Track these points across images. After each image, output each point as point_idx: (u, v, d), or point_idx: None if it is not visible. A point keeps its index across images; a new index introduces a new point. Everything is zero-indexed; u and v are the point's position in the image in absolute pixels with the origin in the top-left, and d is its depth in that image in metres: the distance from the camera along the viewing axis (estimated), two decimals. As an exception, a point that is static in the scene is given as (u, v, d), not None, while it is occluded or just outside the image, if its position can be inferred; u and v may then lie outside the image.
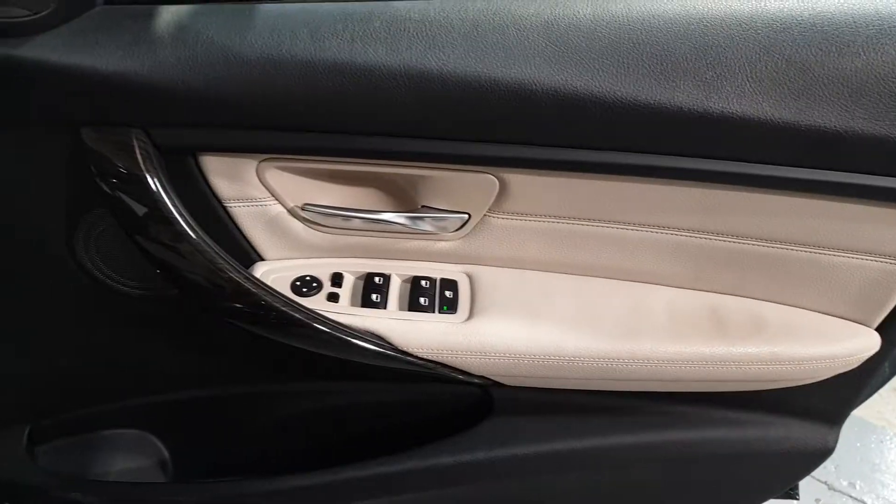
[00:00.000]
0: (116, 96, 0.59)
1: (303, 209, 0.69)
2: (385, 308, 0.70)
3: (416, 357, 0.68)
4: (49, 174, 0.65)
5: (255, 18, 0.62)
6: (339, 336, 0.67)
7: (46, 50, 0.58)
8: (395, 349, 0.68)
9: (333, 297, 0.70)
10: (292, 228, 0.71)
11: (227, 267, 0.64)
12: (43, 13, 0.58)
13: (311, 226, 0.71)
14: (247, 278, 0.65)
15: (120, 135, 0.61)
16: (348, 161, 0.65)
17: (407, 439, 0.80)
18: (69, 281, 0.72)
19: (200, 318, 0.76)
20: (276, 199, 0.69)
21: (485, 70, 0.58)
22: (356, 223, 0.70)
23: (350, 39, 0.59)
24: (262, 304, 0.65)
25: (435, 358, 0.68)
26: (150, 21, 0.62)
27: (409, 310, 0.70)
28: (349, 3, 0.64)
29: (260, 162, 0.65)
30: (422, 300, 0.70)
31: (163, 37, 0.61)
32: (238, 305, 0.66)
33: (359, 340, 0.67)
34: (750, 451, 0.80)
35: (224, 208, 0.68)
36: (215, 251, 0.64)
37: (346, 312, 0.69)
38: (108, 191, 0.62)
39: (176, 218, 0.62)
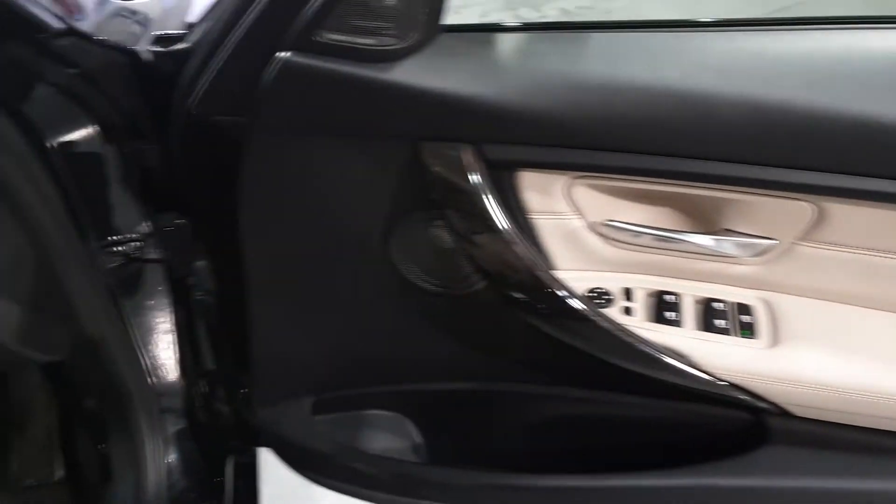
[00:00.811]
0: (459, 116, 0.66)
1: (602, 225, 0.72)
2: (681, 327, 0.71)
3: (716, 378, 0.69)
4: (379, 180, 0.73)
5: (588, 47, 0.66)
6: (641, 349, 0.69)
7: (408, 74, 0.66)
8: (696, 368, 0.69)
9: (627, 311, 0.73)
10: (588, 242, 0.74)
11: (543, 274, 0.69)
12: (407, 43, 0.66)
13: (606, 241, 0.74)
14: (560, 285, 0.69)
15: (454, 149, 0.67)
16: (662, 182, 0.67)
17: (665, 455, 0.80)
18: (376, 273, 0.81)
19: (484, 318, 0.82)
20: (578, 214, 0.73)
21: (829, 102, 0.58)
22: (648, 240, 0.72)
23: (686, 69, 0.61)
24: (573, 310, 0.69)
25: (734, 380, 0.69)
26: (490, 48, 0.68)
27: (705, 331, 0.71)
28: (682, 34, 0.66)
29: (572, 179, 0.70)
30: (719, 322, 0.70)
31: (505, 63, 0.66)
32: (548, 307, 0.71)
33: (660, 355, 0.69)
34: None
35: (528, 219, 0.73)
36: (532, 257, 0.69)
37: (642, 327, 0.71)
38: (439, 197, 0.69)
39: (500, 224, 0.68)
